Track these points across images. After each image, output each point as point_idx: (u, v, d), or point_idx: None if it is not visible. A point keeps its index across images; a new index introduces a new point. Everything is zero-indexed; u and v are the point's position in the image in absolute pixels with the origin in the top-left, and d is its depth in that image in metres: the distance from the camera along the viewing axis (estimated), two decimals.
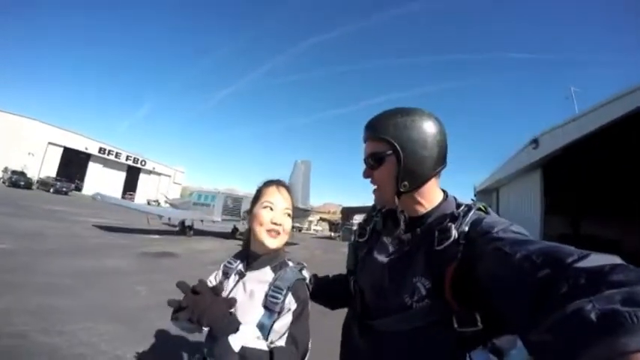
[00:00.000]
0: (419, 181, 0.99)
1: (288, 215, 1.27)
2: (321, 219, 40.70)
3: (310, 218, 35.10)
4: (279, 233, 1.22)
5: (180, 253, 10.34)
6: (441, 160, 1.01)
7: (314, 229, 39.96)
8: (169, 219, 16.58)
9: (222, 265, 1.33)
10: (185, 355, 3.40)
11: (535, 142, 12.84)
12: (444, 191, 1.07)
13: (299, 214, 18.34)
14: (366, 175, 1.06)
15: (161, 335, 3.83)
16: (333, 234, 32.53)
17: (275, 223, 1.21)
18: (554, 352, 0.48)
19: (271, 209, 1.23)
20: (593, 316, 0.43)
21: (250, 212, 1.29)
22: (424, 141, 0.97)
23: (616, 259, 0.54)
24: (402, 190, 0.98)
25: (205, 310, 0.96)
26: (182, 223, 16.15)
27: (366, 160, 1.04)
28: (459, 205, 0.98)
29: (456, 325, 0.79)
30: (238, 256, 1.34)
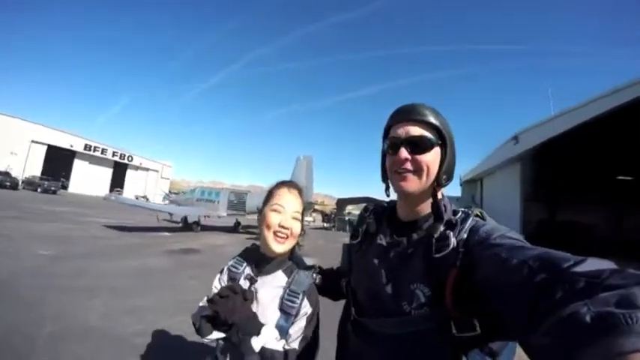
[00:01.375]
0: (450, 179, 1.02)
1: (297, 219, 1.26)
2: (314, 210, 41.63)
3: None
4: (286, 237, 1.21)
5: (200, 248, 11.21)
6: None
7: (306, 220, 40.79)
8: (171, 215, 17.29)
9: (226, 269, 1.33)
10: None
11: (515, 138, 14.26)
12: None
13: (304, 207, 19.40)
14: (404, 156, 0.96)
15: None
16: (326, 224, 33.55)
17: (283, 227, 1.20)
18: (551, 356, 0.49)
19: (280, 212, 1.22)
20: (588, 318, 0.44)
21: (260, 213, 1.29)
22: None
23: (612, 265, 0.54)
24: (443, 182, 0.98)
25: (235, 310, 1.04)
26: (185, 219, 16.93)
27: (408, 141, 0.97)
28: (455, 212, 0.97)
29: (454, 331, 0.80)
30: (243, 257, 1.34)
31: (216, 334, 1.07)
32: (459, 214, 0.96)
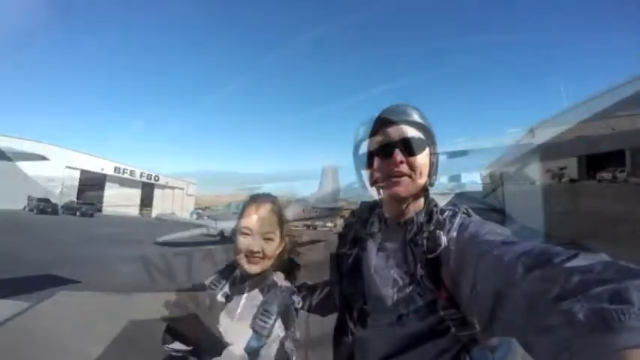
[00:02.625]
0: (436, 180, 1.03)
1: (270, 239, 1.19)
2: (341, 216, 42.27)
3: None
4: (261, 258, 1.17)
5: None
6: None
7: (328, 225, 41.74)
8: (209, 229, 18.92)
9: (207, 286, 1.28)
10: None
11: (531, 131, 15.15)
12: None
13: (329, 213, 21.40)
14: (400, 158, 0.93)
15: None
16: None
17: (252, 251, 1.15)
18: (548, 353, 0.51)
19: (248, 235, 1.17)
20: (581, 315, 0.44)
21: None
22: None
23: (604, 257, 0.54)
24: (433, 184, 1.00)
25: (197, 325, 1.01)
26: (221, 232, 18.45)
27: (401, 143, 0.94)
28: (442, 210, 0.96)
29: (453, 330, 0.81)
30: (222, 274, 1.27)
31: (180, 345, 1.04)
32: (447, 212, 0.95)
